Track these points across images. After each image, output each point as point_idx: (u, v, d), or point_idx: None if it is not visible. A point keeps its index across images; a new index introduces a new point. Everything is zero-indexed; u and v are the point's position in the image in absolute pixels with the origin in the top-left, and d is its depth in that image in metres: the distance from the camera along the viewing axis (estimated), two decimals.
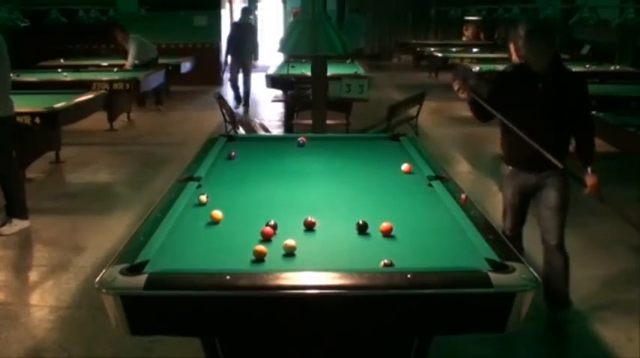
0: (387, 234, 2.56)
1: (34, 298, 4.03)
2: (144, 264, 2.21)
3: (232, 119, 7.40)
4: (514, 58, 3.56)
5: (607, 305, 3.83)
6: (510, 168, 3.55)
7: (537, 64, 3.28)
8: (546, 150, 3.24)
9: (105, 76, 8.81)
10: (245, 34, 10.51)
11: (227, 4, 14.66)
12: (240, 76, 10.74)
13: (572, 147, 3.46)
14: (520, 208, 3.60)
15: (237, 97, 10.75)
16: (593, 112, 4.43)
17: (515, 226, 3.64)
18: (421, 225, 2.74)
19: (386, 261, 2.23)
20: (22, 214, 5.13)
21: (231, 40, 10.61)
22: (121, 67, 9.87)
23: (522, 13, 11.76)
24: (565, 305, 3.54)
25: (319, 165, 3.80)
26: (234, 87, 10.76)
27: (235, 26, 10.91)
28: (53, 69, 9.88)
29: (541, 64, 3.26)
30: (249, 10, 11.18)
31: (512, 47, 3.77)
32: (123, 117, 9.48)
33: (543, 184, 3.42)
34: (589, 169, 3.34)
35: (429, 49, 15.34)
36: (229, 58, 10.56)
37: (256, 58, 11.41)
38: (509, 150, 3.53)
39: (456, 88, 3.51)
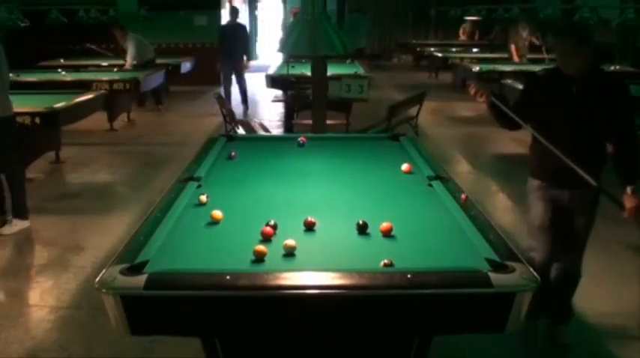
0: (387, 234, 2.56)
1: (34, 298, 4.03)
2: (144, 264, 2.21)
3: (232, 119, 7.41)
4: (515, 58, 3.57)
5: (607, 305, 3.84)
6: (539, 182, 3.20)
7: (567, 67, 3.02)
8: (579, 164, 2.88)
9: (105, 76, 8.82)
10: (235, 35, 10.21)
11: (227, 4, 14.67)
12: (234, 78, 10.50)
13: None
14: (554, 228, 3.18)
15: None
16: None
17: (546, 256, 3.23)
18: (421, 225, 2.74)
19: (386, 261, 2.23)
20: (23, 214, 5.13)
21: (221, 42, 10.32)
22: (120, 67, 9.88)
23: (522, 13, 11.77)
24: (568, 320, 3.41)
25: (319, 165, 3.80)
26: (227, 95, 10.29)
27: (224, 28, 10.62)
28: (53, 69, 9.88)
29: (571, 67, 2.99)
30: (237, 11, 10.75)
31: (512, 47, 3.74)
32: (123, 117, 9.49)
33: (575, 205, 3.11)
34: (629, 189, 2.94)
35: (429, 49, 15.37)
36: (221, 62, 10.24)
37: (250, 59, 10.98)
38: (539, 160, 3.18)
39: (472, 92, 3.31)
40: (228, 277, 2.04)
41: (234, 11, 10.68)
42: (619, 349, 3.39)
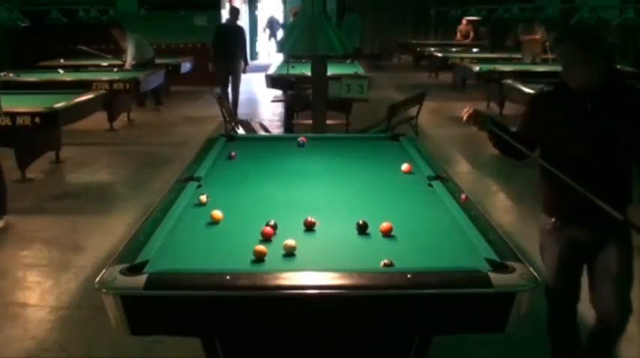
0: (387, 234, 2.56)
1: (34, 298, 4.03)
2: (144, 264, 2.21)
3: (232, 119, 7.41)
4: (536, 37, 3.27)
5: None
6: (554, 220, 2.70)
7: (570, 77, 2.54)
8: (600, 195, 2.34)
9: (105, 76, 8.83)
10: (232, 36, 9.77)
11: (227, 4, 14.67)
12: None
13: None
14: (570, 277, 2.74)
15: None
16: None
17: (568, 307, 2.83)
18: (421, 225, 2.74)
19: (386, 261, 2.23)
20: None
21: (217, 42, 9.78)
22: (120, 67, 9.88)
23: (522, 13, 11.78)
24: None
25: (319, 165, 3.80)
26: (225, 96, 9.69)
27: (222, 28, 10.17)
28: (53, 69, 9.89)
29: (576, 78, 2.53)
30: (238, 12, 10.29)
31: (525, 39, 3.53)
32: (123, 117, 9.49)
33: (602, 244, 2.62)
34: None
35: (429, 49, 15.37)
36: (216, 63, 9.86)
37: (247, 63, 10.40)
38: (553, 193, 2.68)
39: (465, 117, 2.81)
40: (228, 277, 2.04)
41: (234, 12, 10.27)
42: (619, 349, 3.38)
